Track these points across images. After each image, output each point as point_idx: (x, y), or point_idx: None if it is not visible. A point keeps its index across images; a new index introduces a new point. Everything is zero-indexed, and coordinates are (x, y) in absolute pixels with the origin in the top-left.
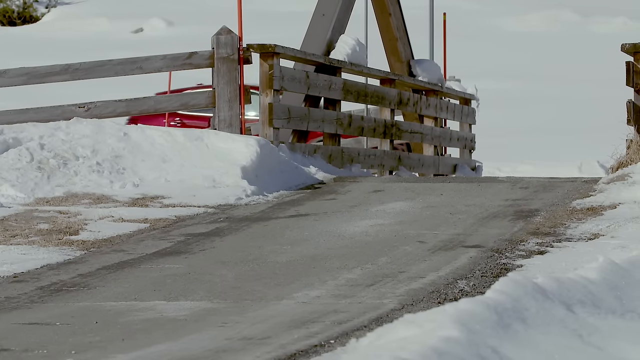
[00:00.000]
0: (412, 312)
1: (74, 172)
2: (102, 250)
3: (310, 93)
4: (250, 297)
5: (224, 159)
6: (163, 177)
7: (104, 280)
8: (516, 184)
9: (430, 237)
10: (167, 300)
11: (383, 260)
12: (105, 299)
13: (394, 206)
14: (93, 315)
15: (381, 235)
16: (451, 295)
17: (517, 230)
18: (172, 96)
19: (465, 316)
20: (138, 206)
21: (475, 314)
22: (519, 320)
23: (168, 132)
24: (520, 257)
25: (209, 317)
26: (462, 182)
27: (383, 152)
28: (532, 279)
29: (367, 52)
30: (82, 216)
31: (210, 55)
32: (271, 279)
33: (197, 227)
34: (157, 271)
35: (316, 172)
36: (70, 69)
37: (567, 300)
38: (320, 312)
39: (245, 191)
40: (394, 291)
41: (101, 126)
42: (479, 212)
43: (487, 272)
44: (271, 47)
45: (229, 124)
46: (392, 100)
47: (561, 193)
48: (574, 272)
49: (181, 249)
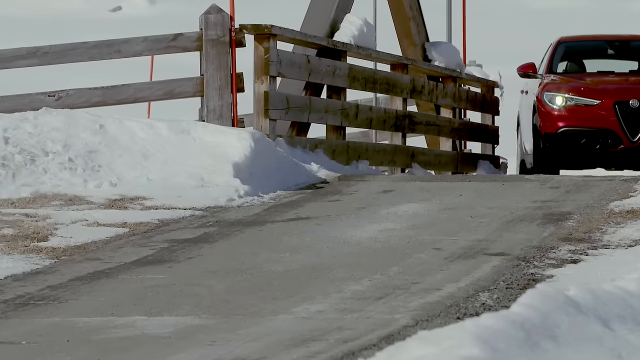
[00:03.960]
0: (428, 329)
1: (42, 170)
2: (75, 259)
3: (312, 80)
4: (243, 312)
5: (213, 155)
6: (144, 175)
7: (77, 293)
8: (545, 183)
9: (448, 244)
10: (149, 315)
11: (394, 270)
12: (78, 314)
13: (406, 208)
14: (64, 333)
15: (392, 242)
16: (472, 309)
17: (546, 236)
18: (155, 83)
19: (487, 333)
20: (116, 208)
21: (499, 331)
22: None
23: (150, 124)
24: (550, 266)
25: (196, 335)
26: (484, 181)
27: (394, 147)
28: (563, 291)
29: (376, 34)
30: (51, 220)
31: (197, 37)
32: (267, 291)
33: (182, 232)
34: (138, 282)
35: (318, 170)
36: (39, 52)
37: (604, 315)
38: (322, 329)
39: (237, 191)
40: (407, 305)
41: (74, 117)
42: (503, 215)
43: (513, 283)
44: (267, 28)
45: (219, 115)
46: (404, 88)
47: (597, 193)
48: (612, 283)
49: (165, 257)
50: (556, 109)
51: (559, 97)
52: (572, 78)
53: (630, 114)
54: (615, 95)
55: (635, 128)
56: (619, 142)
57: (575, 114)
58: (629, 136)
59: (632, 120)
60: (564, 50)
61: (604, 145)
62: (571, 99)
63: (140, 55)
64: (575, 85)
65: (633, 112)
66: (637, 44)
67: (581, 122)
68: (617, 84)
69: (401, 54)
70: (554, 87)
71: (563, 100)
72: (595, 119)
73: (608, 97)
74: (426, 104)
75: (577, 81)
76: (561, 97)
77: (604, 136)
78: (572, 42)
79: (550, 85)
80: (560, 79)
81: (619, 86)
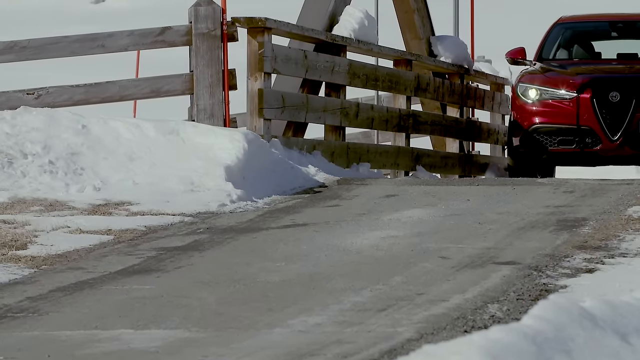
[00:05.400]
0: (433, 343)
1: (21, 173)
2: (56, 268)
3: (309, 77)
4: (236, 325)
5: (204, 157)
6: (130, 178)
7: (58, 305)
8: (559, 187)
9: (455, 252)
10: (135, 328)
11: (397, 280)
12: (60, 327)
13: (410, 214)
14: (45, 348)
15: (395, 250)
16: (480, 322)
17: (560, 244)
18: (141, 81)
19: (497, 347)
20: (100, 214)
21: (509, 345)
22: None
23: (136, 124)
24: (564, 276)
25: (185, 349)
26: (493, 185)
27: (397, 149)
28: (578, 302)
29: (377, 27)
30: (31, 226)
31: (187, 30)
32: (261, 302)
33: (171, 239)
34: (123, 293)
35: (316, 173)
36: (17, 47)
37: (622, 328)
38: (321, 342)
39: (229, 196)
40: (411, 317)
41: (54, 117)
42: (513, 221)
43: (524, 294)
44: (261, 21)
45: (210, 114)
46: (408, 85)
47: (614, 198)
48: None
49: (152, 267)
50: (529, 103)
51: (533, 90)
52: (556, 66)
53: (611, 109)
54: (593, 87)
55: (616, 125)
56: (598, 142)
57: (550, 109)
58: (608, 135)
59: (613, 116)
60: (562, 32)
61: (580, 146)
62: (546, 92)
63: (125, 50)
64: (552, 76)
65: (614, 106)
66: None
67: (556, 118)
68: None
69: (404, 48)
70: (529, 78)
71: (537, 93)
72: (570, 115)
73: (585, 89)
74: (431, 102)
75: (558, 70)
76: (535, 89)
77: (580, 135)
78: (572, 23)
79: (528, 75)
80: (543, 68)
81: (600, 76)
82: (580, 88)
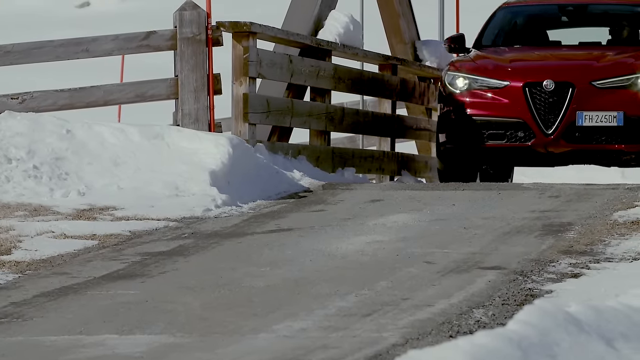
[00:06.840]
0: (418, 348)
1: (5, 178)
2: (40, 273)
3: (294, 81)
4: (220, 330)
5: (188, 162)
6: (115, 183)
7: (43, 310)
8: (545, 192)
9: (440, 257)
10: (120, 333)
11: (382, 285)
12: (44, 332)
13: (395, 219)
14: (29, 353)
15: (380, 255)
16: (465, 327)
17: (545, 249)
18: (126, 85)
19: (482, 352)
20: (84, 219)
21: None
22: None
23: (121, 129)
24: (549, 280)
25: (170, 354)
26: (479, 189)
27: (383, 154)
28: (564, 307)
29: (363, 32)
30: (15, 232)
31: (171, 35)
32: (246, 307)
33: (156, 244)
34: (108, 298)
35: (301, 178)
36: (1, 51)
37: (607, 333)
38: (306, 348)
39: (214, 201)
40: (396, 322)
41: (39, 122)
42: (499, 226)
43: (509, 299)
44: (246, 26)
45: (195, 119)
46: (393, 90)
47: (600, 203)
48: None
49: (137, 272)
50: (457, 94)
51: (461, 79)
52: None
53: (545, 100)
54: (525, 75)
55: (551, 117)
56: (531, 136)
57: (479, 99)
58: (542, 128)
59: (547, 107)
60: (506, 17)
61: (512, 140)
62: (475, 81)
63: (110, 54)
64: (483, 63)
65: (548, 96)
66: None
67: (485, 109)
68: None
69: (390, 53)
70: (458, 66)
71: (465, 82)
72: (501, 106)
73: (517, 77)
74: (417, 107)
75: (492, 57)
76: (463, 78)
77: (511, 128)
78: (517, 6)
79: (457, 63)
80: (477, 55)
81: (535, 63)
82: (512, 76)
